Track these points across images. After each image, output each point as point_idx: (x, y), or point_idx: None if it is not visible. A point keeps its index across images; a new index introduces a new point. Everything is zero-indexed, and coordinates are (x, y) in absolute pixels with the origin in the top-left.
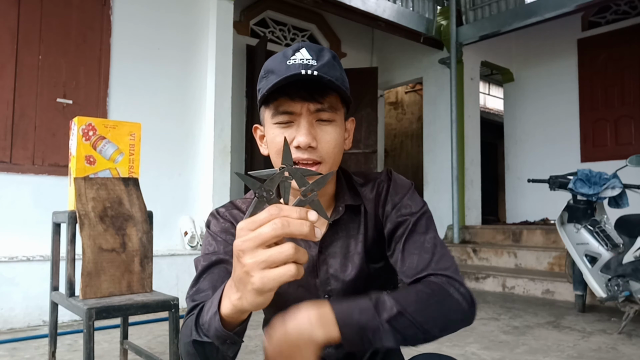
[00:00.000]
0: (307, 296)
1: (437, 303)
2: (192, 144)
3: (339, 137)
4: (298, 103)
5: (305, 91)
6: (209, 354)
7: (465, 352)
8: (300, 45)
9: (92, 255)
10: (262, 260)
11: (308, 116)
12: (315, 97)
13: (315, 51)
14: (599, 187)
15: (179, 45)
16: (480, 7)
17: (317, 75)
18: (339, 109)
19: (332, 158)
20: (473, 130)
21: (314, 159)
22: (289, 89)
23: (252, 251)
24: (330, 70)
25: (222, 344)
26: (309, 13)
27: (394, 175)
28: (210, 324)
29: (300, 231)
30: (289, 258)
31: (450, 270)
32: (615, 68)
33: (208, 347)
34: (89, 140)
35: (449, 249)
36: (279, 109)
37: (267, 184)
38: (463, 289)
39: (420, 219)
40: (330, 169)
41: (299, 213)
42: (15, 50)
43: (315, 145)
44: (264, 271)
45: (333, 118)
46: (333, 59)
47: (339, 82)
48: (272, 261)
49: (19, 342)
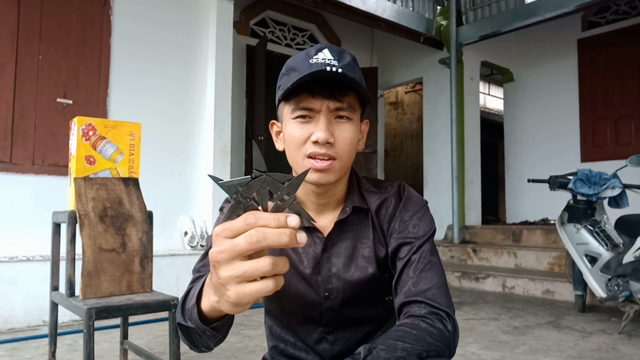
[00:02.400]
0: (308, 291)
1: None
2: (192, 144)
3: (355, 136)
4: (319, 100)
5: (326, 89)
6: (194, 338)
7: (465, 352)
8: (322, 46)
9: (92, 255)
10: (237, 275)
11: (327, 113)
12: (336, 95)
13: (337, 52)
14: (599, 187)
15: (179, 45)
16: (480, 7)
17: (341, 73)
18: (357, 109)
19: (347, 156)
20: (473, 130)
21: (330, 155)
22: (311, 86)
23: (227, 263)
24: (351, 70)
25: (203, 334)
26: (309, 13)
27: (406, 192)
28: (192, 313)
29: (278, 242)
30: (266, 273)
31: (443, 304)
32: (615, 68)
33: (192, 332)
34: (89, 140)
35: (445, 276)
36: (300, 104)
37: (244, 190)
38: (450, 325)
39: (425, 243)
40: (343, 167)
41: (277, 221)
42: (15, 50)
43: (333, 141)
44: (240, 285)
45: (351, 117)
46: (353, 61)
47: (359, 82)
48: (248, 276)
49: (19, 342)
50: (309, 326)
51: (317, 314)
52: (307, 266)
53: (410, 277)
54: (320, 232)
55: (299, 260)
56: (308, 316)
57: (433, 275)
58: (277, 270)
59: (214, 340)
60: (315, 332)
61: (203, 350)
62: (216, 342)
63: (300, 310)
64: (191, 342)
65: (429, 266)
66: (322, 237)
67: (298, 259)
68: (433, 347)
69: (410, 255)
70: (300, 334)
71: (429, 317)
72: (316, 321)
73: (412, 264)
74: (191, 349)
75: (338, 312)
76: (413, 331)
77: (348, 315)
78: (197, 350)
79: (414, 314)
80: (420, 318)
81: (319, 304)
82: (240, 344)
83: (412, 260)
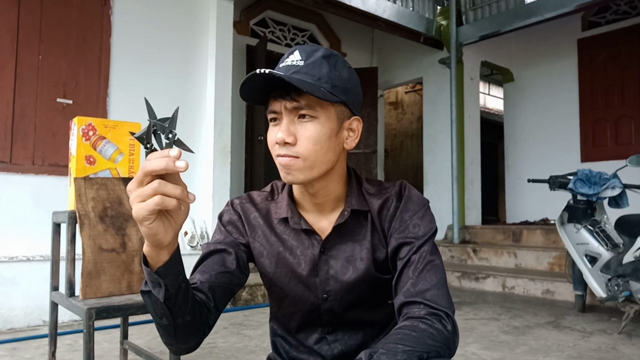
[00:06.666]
0: (307, 293)
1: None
2: (192, 144)
3: (320, 134)
4: (278, 102)
5: (283, 90)
6: (153, 303)
7: (465, 352)
8: (295, 48)
9: (92, 255)
10: (137, 195)
11: (288, 114)
12: (291, 95)
13: (307, 52)
14: (599, 187)
15: (179, 45)
16: (480, 7)
17: (278, 77)
18: (323, 106)
19: (313, 155)
20: (473, 130)
21: (290, 155)
22: (273, 90)
23: (133, 190)
24: (313, 69)
25: (153, 288)
26: (309, 13)
27: (407, 192)
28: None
29: (158, 166)
30: (153, 191)
31: (442, 304)
32: (615, 68)
33: (151, 296)
34: (89, 140)
35: (445, 276)
36: (269, 108)
37: (146, 139)
38: (449, 325)
39: (425, 243)
40: (311, 166)
41: (160, 154)
42: (15, 50)
43: (292, 141)
44: (139, 204)
45: (314, 115)
46: (324, 57)
47: (320, 80)
48: (143, 195)
49: (19, 342)
50: (308, 327)
51: (316, 316)
52: (304, 268)
53: (409, 277)
54: (319, 235)
55: (296, 262)
56: (307, 317)
57: (432, 276)
58: (165, 190)
59: (163, 295)
60: (315, 333)
61: (170, 345)
62: (164, 298)
63: (300, 312)
64: (156, 326)
65: (428, 266)
66: (320, 239)
67: (296, 261)
68: (433, 348)
69: (410, 256)
70: (301, 335)
71: (428, 318)
72: (315, 322)
73: (412, 264)
74: (164, 343)
75: (338, 313)
76: (413, 333)
77: (348, 317)
78: (167, 345)
79: (413, 315)
80: (419, 319)
81: (317, 305)
82: (240, 344)
83: (411, 260)
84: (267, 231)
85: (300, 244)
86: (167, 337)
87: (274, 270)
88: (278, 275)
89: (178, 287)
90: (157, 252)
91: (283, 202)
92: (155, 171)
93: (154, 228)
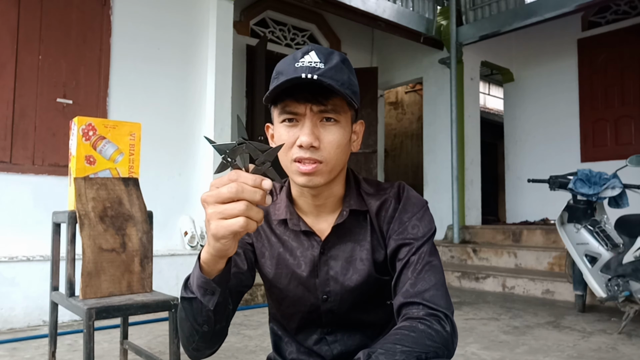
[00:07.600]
0: (307, 295)
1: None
2: (192, 144)
3: (342, 138)
4: (302, 104)
5: (309, 93)
6: (195, 310)
7: (465, 352)
8: (310, 48)
9: (92, 255)
10: (218, 212)
11: (312, 117)
12: (319, 98)
13: (324, 54)
14: (599, 187)
15: (179, 45)
16: (480, 7)
17: (317, 80)
18: (345, 111)
19: (334, 158)
20: (473, 130)
21: (316, 158)
22: (294, 91)
23: (212, 204)
24: (336, 73)
25: (204, 295)
26: (309, 13)
27: (406, 193)
28: (194, 275)
29: (252, 198)
30: (240, 213)
31: (441, 305)
32: (615, 68)
33: (194, 303)
34: (89, 140)
35: (444, 277)
36: (285, 109)
37: (229, 153)
38: (448, 325)
39: (424, 244)
40: (331, 170)
41: (254, 181)
42: (15, 50)
43: (318, 145)
44: (219, 221)
45: (338, 119)
46: (342, 62)
47: (344, 86)
48: (226, 214)
49: (19, 342)
50: (308, 328)
51: (315, 316)
52: (304, 269)
53: (408, 278)
54: (318, 236)
55: (296, 263)
56: (307, 318)
57: (431, 277)
58: (250, 214)
59: (213, 302)
60: (314, 334)
61: (197, 352)
62: (214, 304)
63: (299, 313)
64: (189, 332)
65: (427, 267)
66: (319, 240)
67: (296, 262)
68: (432, 349)
69: (409, 257)
70: (301, 336)
71: (427, 318)
72: (315, 323)
73: (411, 265)
74: (186, 351)
75: (338, 314)
76: (411, 334)
77: (348, 318)
78: (190, 352)
79: (412, 316)
80: (418, 320)
81: (317, 306)
82: (241, 344)
83: (410, 261)
84: (267, 232)
85: (300, 245)
86: (201, 344)
87: (274, 271)
88: (278, 276)
89: (225, 294)
90: (217, 261)
91: (282, 203)
92: (248, 200)
93: (229, 245)
